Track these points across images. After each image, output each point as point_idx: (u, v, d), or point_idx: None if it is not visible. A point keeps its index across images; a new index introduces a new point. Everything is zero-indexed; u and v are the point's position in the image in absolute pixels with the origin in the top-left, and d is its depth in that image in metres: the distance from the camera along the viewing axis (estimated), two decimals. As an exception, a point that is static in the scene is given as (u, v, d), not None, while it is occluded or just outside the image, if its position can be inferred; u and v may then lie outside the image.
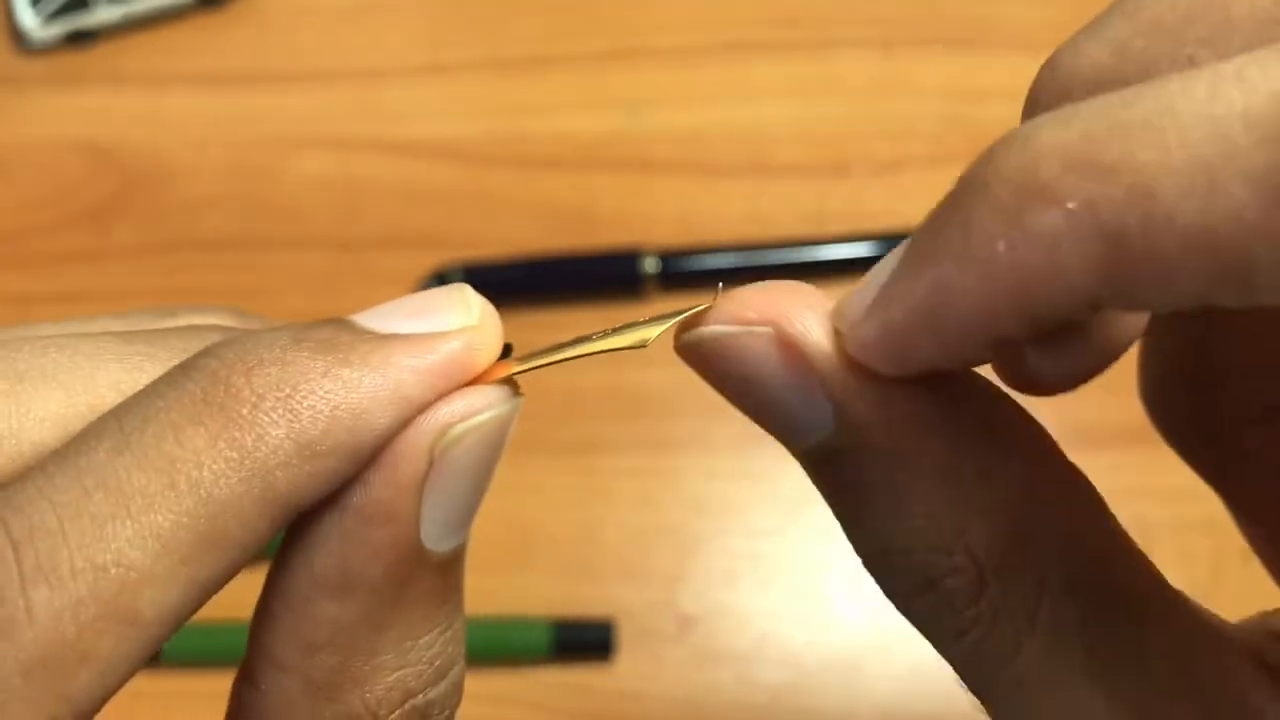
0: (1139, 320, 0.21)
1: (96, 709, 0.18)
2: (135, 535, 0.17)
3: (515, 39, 0.60)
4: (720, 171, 0.57)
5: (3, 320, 0.55)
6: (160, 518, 0.17)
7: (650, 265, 0.53)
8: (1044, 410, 0.20)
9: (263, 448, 0.18)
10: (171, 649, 0.46)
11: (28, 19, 0.59)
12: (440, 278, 0.54)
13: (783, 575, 0.49)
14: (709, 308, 0.20)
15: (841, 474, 0.20)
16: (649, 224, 0.55)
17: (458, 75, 0.59)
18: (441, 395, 0.19)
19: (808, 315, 0.19)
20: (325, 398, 0.18)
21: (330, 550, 0.19)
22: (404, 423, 0.19)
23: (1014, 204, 0.16)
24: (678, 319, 0.20)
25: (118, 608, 0.17)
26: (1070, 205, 0.15)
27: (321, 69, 0.60)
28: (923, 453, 0.19)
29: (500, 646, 0.48)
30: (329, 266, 0.56)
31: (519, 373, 0.20)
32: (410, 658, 0.20)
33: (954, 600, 0.19)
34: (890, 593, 0.20)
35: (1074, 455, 0.21)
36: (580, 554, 0.50)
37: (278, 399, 0.18)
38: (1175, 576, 0.28)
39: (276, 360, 0.18)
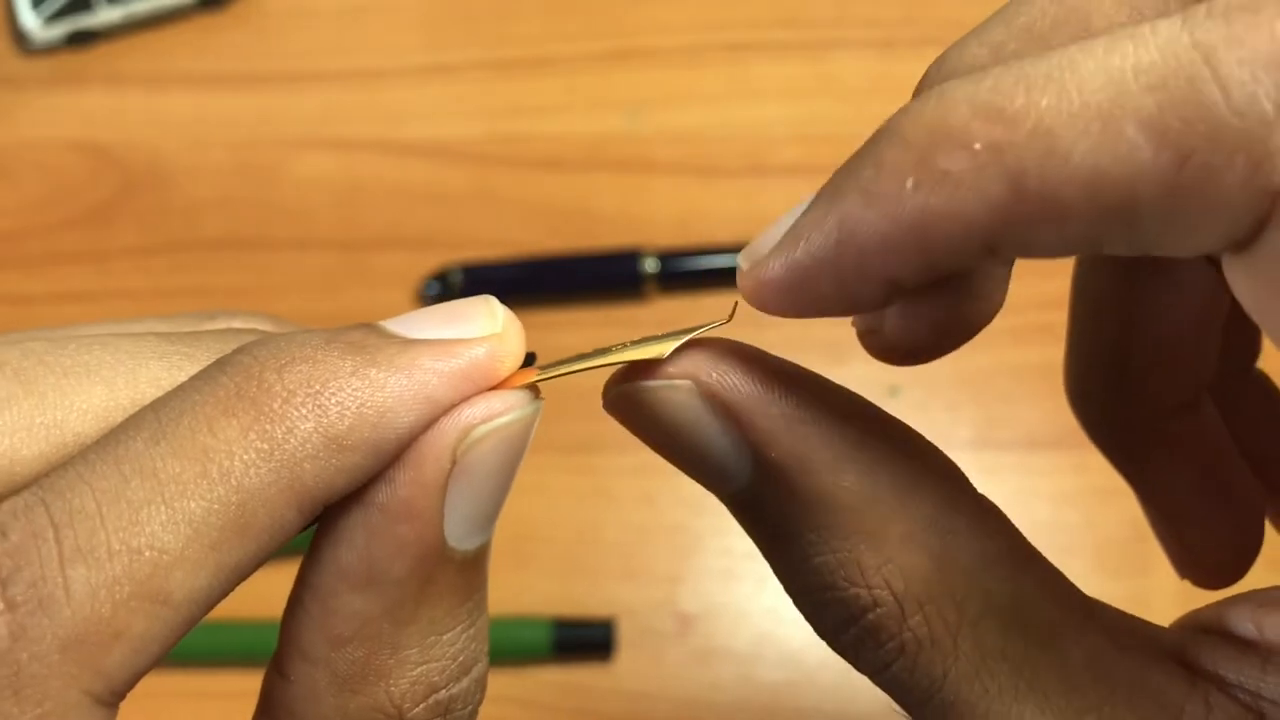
0: (995, 300, 0.22)
1: (129, 686, 0.18)
2: (169, 520, 0.18)
3: (515, 39, 0.60)
4: (720, 171, 0.57)
5: (3, 321, 0.55)
6: (193, 504, 0.18)
7: (650, 265, 0.53)
8: (1047, 409, 0.20)
9: (292, 440, 0.18)
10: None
11: (29, 20, 0.59)
12: (440, 278, 0.54)
13: (783, 575, 0.49)
14: (722, 323, 0.21)
15: (763, 517, 0.21)
16: (649, 224, 0.55)
17: (458, 75, 0.59)
18: (465, 398, 0.20)
19: (724, 366, 0.20)
20: (353, 395, 0.19)
21: (356, 545, 0.19)
22: (428, 423, 0.19)
23: (925, 145, 0.17)
24: (697, 332, 0.21)
25: (150, 589, 0.18)
26: (976, 147, 0.17)
27: (321, 69, 0.60)
28: (838, 492, 0.20)
29: (500, 646, 0.48)
30: (329, 266, 0.56)
31: (540, 380, 0.21)
32: (434, 653, 0.20)
33: (877, 633, 0.20)
34: (818, 628, 0.21)
35: (1077, 456, 0.21)
36: (580, 554, 0.50)
37: (307, 394, 0.19)
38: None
39: (308, 359, 0.19)
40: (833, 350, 0.50)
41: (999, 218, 0.17)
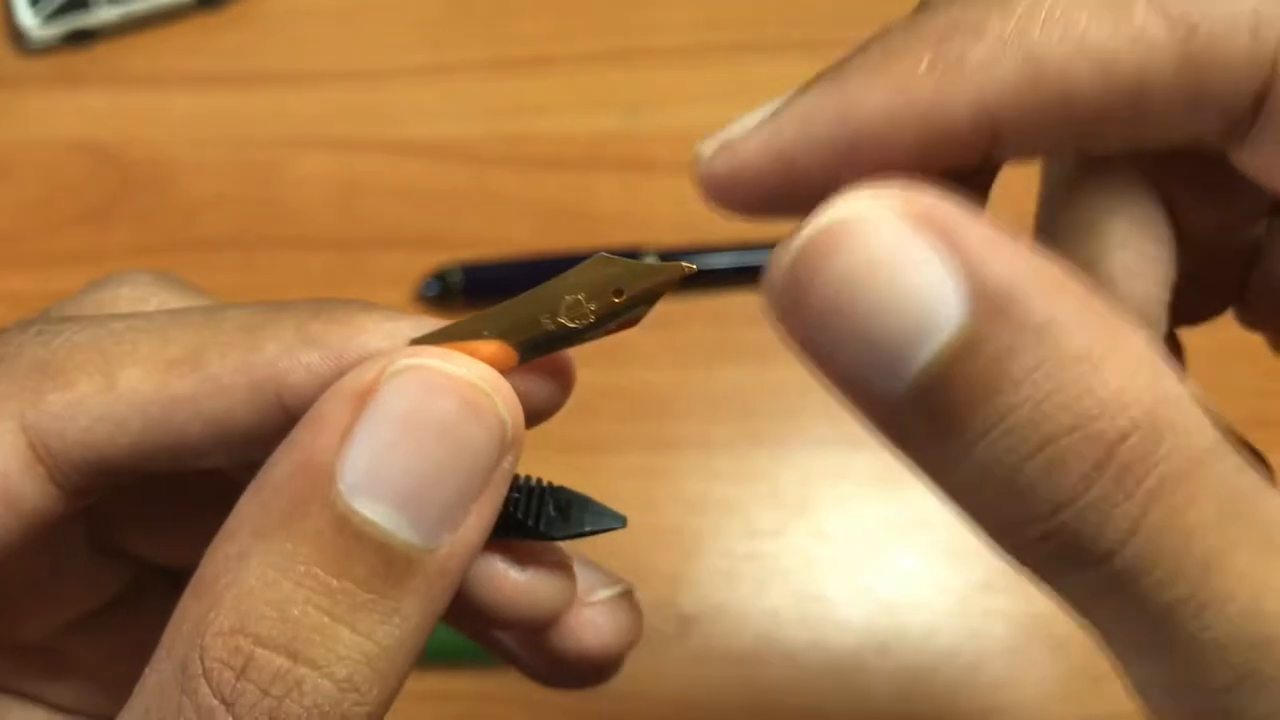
0: None
1: (65, 462, 0.20)
2: (152, 334, 0.21)
3: (515, 39, 0.60)
4: (720, 171, 0.57)
5: (3, 320, 0.55)
6: (174, 332, 0.21)
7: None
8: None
9: (268, 324, 0.21)
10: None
11: (27, 19, 0.59)
12: (440, 277, 0.54)
13: (783, 575, 0.49)
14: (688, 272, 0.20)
15: (972, 376, 0.16)
16: (649, 224, 0.55)
17: (458, 75, 0.59)
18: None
19: (930, 187, 0.17)
20: (347, 314, 0.21)
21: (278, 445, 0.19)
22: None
23: (942, 32, 0.18)
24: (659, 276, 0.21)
25: (105, 361, 0.20)
26: (995, 32, 0.18)
27: (321, 69, 0.60)
28: (1067, 312, 0.16)
29: (500, 646, 0.48)
30: (329, 266, 0.56)
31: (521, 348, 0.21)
32: (265, 593, 0.18)
33: (1128, 472, 0.16)
34: (1031, 513, 0.17)
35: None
36: (580, 554, 0.50)
37: (314, 307, 0.21)
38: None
39: (357, 301, 0.22)
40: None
41: (1012, 101, 0.17)
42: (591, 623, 0.25)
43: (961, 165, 0.18)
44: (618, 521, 0.23)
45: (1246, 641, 0.17)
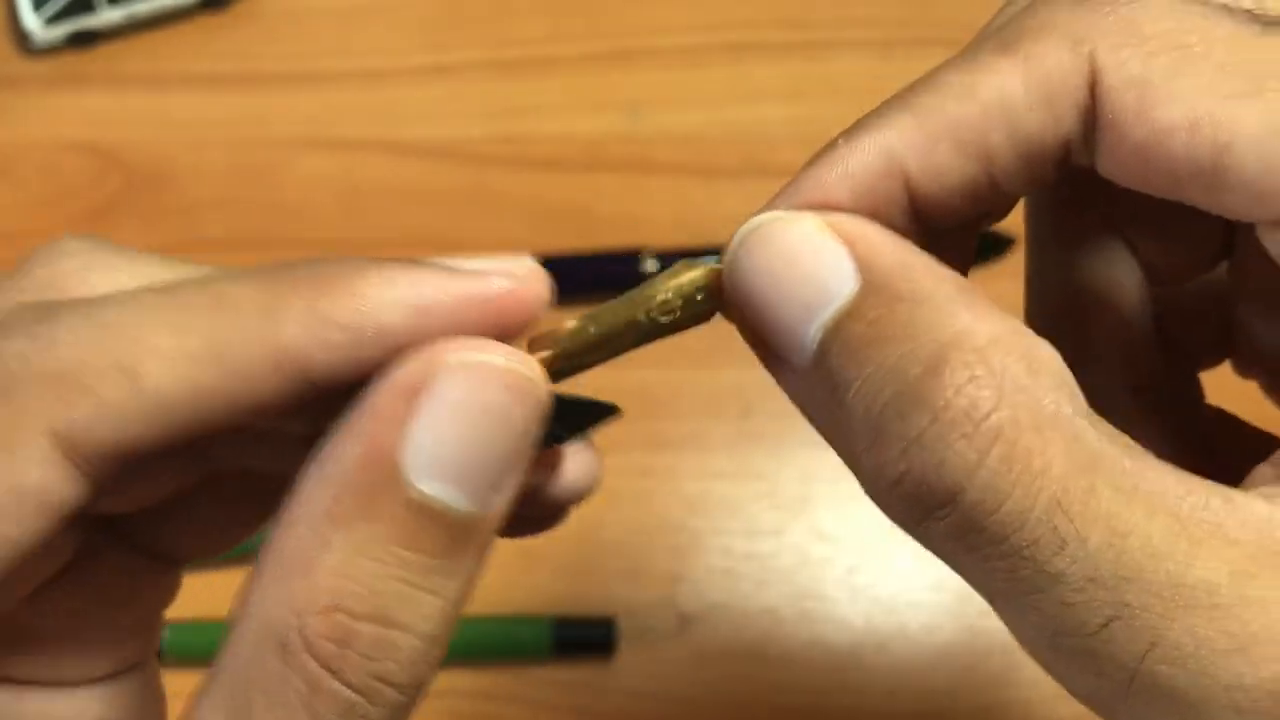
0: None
1: (96, 460, 0.21)
2: (162, 324, 0.21)
3: (515, 39, 0.60)
4: (720, 172, 0.57)
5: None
6: (187, 318, 0.21)
7: (650, 265, 0.53)
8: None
9: (281, 305, 0.21)
10: (172, 646, 0.46)
11: (31, 20, 0.59)
12: (441, 278, 0.54)
13: (782, 575, 0.49)
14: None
15: (855, 336, 0.21)
16: (649, 224, 0.55)
17: (458, 75, 0.59)
18: (466, 329, 0.21)
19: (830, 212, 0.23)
20: (348, 282, 0.21)
21: (333, 438, 0.21)
22: (420, 333, 0.21)
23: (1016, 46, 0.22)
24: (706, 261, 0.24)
25: (123, 361, 0.20)
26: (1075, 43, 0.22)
27: (322, 70, 0.60)
28: (941, 286, 0.21)
29: (501, 645, 0.48)
30: (330, 267, 0.56)
31: (561, 359, 0.23)
32: (354, 572, 0.20)
33: (970, 412, 0.19)
34: (887, 455, 0.20)
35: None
36: (580, 554, 0.50)
37: (315, 280, 0.21)
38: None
39: (339, 261, 0.22)
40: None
41: (911, 148, 0.24)
42: (574, 461, 0.29)
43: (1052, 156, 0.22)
44: (611, 412, 0.26)
45: (1109, 579, 0.19)
